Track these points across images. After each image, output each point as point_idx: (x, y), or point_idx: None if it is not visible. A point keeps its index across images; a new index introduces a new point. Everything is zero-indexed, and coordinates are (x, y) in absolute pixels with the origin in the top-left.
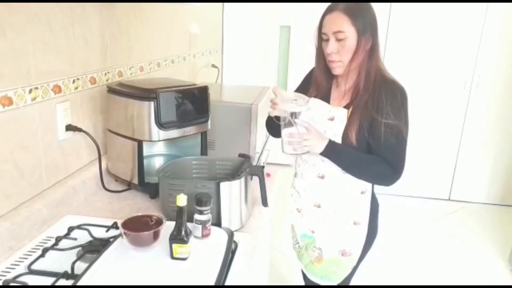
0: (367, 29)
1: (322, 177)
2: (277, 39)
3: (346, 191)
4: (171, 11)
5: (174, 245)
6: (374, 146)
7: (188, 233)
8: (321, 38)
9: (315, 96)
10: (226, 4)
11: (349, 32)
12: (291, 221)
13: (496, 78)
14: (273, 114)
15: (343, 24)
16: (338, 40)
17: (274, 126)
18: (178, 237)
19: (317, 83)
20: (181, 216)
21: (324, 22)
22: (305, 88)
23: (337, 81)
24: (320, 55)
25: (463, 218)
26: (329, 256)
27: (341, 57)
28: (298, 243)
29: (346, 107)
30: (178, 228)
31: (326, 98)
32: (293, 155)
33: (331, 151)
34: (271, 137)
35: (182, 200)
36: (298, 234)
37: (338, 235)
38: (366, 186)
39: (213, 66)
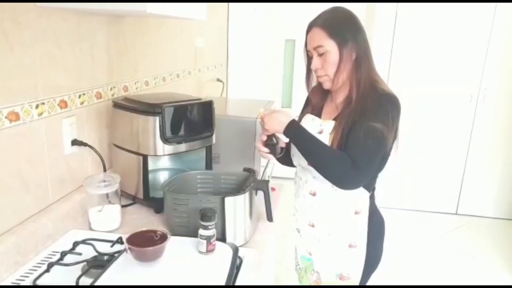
0: (348, 39)
1: (314, 194)
2: (282, 53)
3: (339, 210)
4: (177, 26)
5: None
6: (349, 145)
7: None
8: (308, 57)
9: (311, 113)
10: (231, 18)
11: (329, 45)
12: (294, 241)
13: (502, 91)
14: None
15: (320, 39)
16: (320, 55)
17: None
18: None
19: (312, 102)
20: None
21: (307, 40)
22: (305, 108)
23: (331, 96)
24: (309, 73)
25: (470, 233)
26: (327, 280)
27: (326, 71)
28: (298, 264)
29: (335, 119)
30: None
31: (319, 113)
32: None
33: (294, 129)
34: None
35: None
36: (298, 255)
37: (334, 258)
38: (361, 206)
39: (218, 80)
